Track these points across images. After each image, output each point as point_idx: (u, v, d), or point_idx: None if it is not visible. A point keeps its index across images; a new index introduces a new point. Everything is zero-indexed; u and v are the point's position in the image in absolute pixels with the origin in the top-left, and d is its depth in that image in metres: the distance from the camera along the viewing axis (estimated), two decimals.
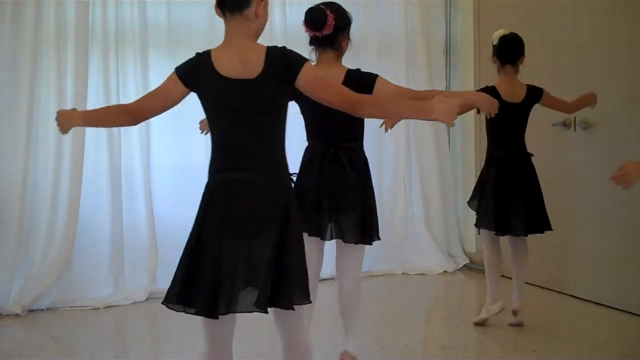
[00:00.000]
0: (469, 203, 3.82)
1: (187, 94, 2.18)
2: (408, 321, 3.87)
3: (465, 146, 5.29)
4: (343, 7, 2.78)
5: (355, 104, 2.01)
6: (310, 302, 2.05)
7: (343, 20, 2.74)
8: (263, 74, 2.00)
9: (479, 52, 5.03)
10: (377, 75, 2.75)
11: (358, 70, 2.78)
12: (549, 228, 3.60)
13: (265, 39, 5.11)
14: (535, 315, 3.76)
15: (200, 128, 3.28)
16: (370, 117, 2.28)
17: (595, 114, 4.07)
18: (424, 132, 5.15)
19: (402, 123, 4.59)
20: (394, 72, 4.92)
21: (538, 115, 3.66)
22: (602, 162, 4.04)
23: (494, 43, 3.57)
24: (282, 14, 4.72)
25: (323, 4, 2.72)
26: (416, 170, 5.16)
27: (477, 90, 3.60)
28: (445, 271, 5.06)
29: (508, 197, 3.55)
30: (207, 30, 4.57)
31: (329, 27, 2.66)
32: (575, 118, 4.18)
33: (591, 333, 3.63)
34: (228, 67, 2.04)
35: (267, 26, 5.03)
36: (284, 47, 2.07)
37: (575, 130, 4.19)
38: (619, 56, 3.94)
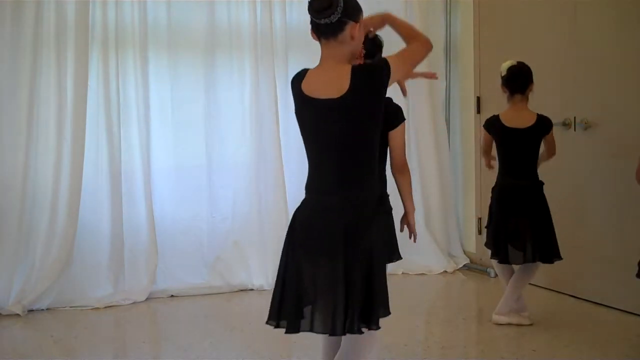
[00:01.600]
0: (486, 227, 3.84)
1: None
2: (408, 321, 3.87)
3: (465, 146, 5.29)
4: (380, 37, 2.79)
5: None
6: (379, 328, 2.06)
7: (374, 47, 2.77)
8: (350, 90, 1.99)
9: (479, 52, 5.04)
10: (403, 119, 2.82)
11: (389, 100, 2.77)
12: (558, 257, 3.63)
13: (265, 39, 5.15)
14: (535, 315, 3.76)
15: None
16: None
17: (595, 114, 4.07)
18: (424, 132, 5.16)
19: None
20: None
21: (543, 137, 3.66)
22: (602, 162, 4.04)
23: (502, 74, 3.59)
24: (282, 14, 4.71)
25: None
26: (416, 171, 5.15)
27: (484, 124, 3.72)
28: (445, 271, 5.06)
29: (511, 225, 3.57)
30: (207, 30, 4.58)
31: (360, 59, 2.66)
32: (575, 118, 4.18)
33: (591, 333, 3.63)
34: (314, 87, 2.05)
35: (267, 26, 5.10)
36: (368, 62, 2.09)
37: (575, 130, 4.19)
38: (619, 56, 3.94)
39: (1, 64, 4.08)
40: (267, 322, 2.12)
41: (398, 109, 2.81)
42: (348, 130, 2.00)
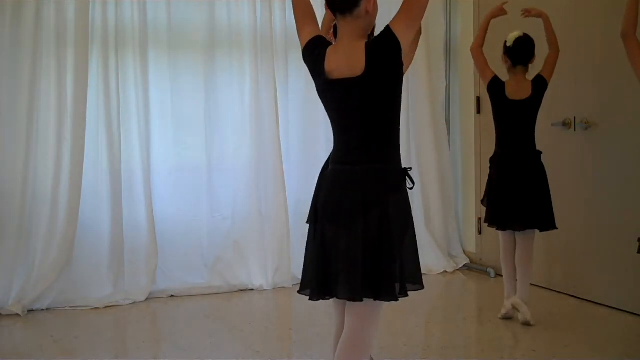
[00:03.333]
0: (482, 201, 3.88)
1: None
2: (408, 321, 3.87)
3: (465, 146, 5.29)
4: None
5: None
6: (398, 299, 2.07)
7: None
8: (368, 70, 2.02)
9: None
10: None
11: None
12: (553, 227, 3.63)
13: (265, 39, 5.14)
14: (535, 315, 3.76)
15: None
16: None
17: (595, 114, 4.07)
18: (424, 132, 5.16)
19: (402, 122, 4.58)
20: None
21: (538, 115, 3.66)
22: (602, 162, 4.04)
23: (508, 45, 3.61)
24: (282, 14, 4.71)
25: None
26: (416, 170, 5.16)
27: (493, 78, 3.70)
28: (445, 271, 5.06)
29: (510, 194, 3.60)
30: (207, 30, 4.58)
31: None
32: (575, 118, 4.18)
33: (591, 333, 3.63)
34: (335, 67, 2.08)
35: (267, 26, 5.09)
36: (378, 35, 2.07)
37: (575, 130, 4.19)
38: (619, 56, 3.94)
39: (1, 64, 4.08)
40: (300, 292, 2.18)
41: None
42: (369, 107, 2.06)
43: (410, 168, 2.16)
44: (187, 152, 4.58)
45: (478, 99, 5.04)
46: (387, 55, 2.03)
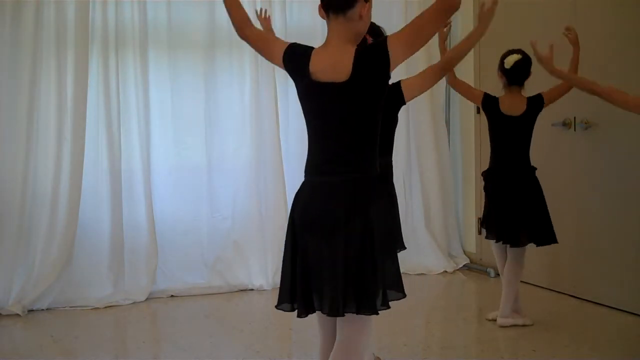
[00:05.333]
0: (481, 224, 3.89)
1: (281, 66, 2.18)
2: (408, 321, 3.87)
3: (465, 146, 5.28)
4: (376, 24, 2.75)
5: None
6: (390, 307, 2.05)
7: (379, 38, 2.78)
8: (353, 76, 1.99)
9: (479, 52, 5.03)
10: (399, 82, 2.80)
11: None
12: (554, 241, 3.63)
13: None
14: (535, 315, 3.76)
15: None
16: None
17: (595, 114, 4.07)
18: (424, 132, 5.16)
19: (402, 123, 4.60)
20: (393, 72, 4.91)
21: (538, 115, 3.65)
22: (602, 162, 4.04)
23: (506, 67, 3.59)
24: (282, 14, 4.71)
25: None
26: (416, 171, 5.16)
27: (484, 97, 3.70)
28: (445, 271, 5.06)
29: (506, 209, 3.60)
30: (207, 30, 4.58)
31: None
32: (575, 118, 4.18)
33: (591, 333, 3.63)
34: (320, 68, 2.04)
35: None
36: (372, 42, 2.05)
37: (575, 130, 4.19)
38: (619, 56, 3.94)
39: (1, 64, 4.09)
40: (277, 307, 2.13)
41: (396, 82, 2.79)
42: (350, 114, 2.02)
43: (394, 184, 2.10)
44: (187, 152, 4.58)
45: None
46: (374, 67, 1.98)
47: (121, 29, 4.35)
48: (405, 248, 3.01)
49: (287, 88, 4.73)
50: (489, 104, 3.66)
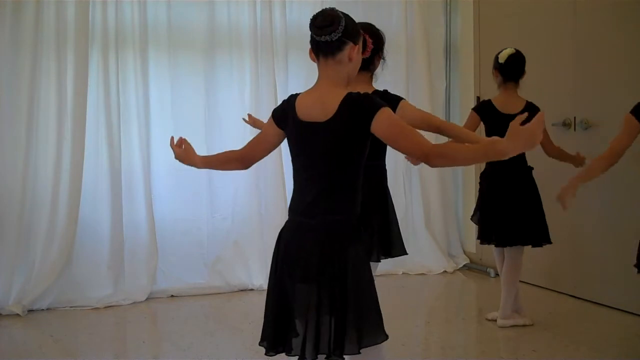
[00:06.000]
0: (471, 218, 3.88)
1: (283, 135, 2.19)
2: (408, 321, 3.87)
3: None
4: (376, 26, 2.80)
5: (427, 155, 1.92)
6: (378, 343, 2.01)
7: (379, 43, 2.78)
8: (334, 117, 1.98)
9: (479, 52, 5.04)
10: (401, 99, 2.77)
11: (385, 91, 2.79)
12: (548, 241, 3.63)
13: (266, 39, 5.14)
14: (535, 315, 3.76)
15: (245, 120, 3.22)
16: (442, 167, 2.14)
17: (596, 114, 4.07)
18: (424, 133, 5.12)
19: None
20: (394, 72, 4.91)
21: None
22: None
23: (501, 61, 3.59)
24: (282, 14, 4.71)
25: (361, 27, 2.66)
26: (416, 171, 5.16)
27: (475, 107, 3.70)
28: (445, 271, 5.06)
29: (499, 211, 3.60)
30: (207, 30, 4.58)
31: (367, 52, 2.66)
32: (575, 118, 4.18)
33: (591, 333, 3.63)
34: (306, 110, 2.05)
35: (267, 26, 5.09)
36: (364, 93, 2.02)
37: (575, 130, 4.19)
38: (620, 56, 3.94)
39: (1, 64, 4.08)
40: (260, 344, 2.14)
41: (395, 97, 2.78)
42: (329, 154, 2.01)
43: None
44: None
45: (478, 99, 5.04)
46: (357, 116, 1.96)
47: (121, 29, 4.35)
48: (406, 253, 2.99)
49: (287, 88, 4.72)
50: (483, 109, 3.67)
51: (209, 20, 4.58)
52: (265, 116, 4.62)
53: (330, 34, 1.99)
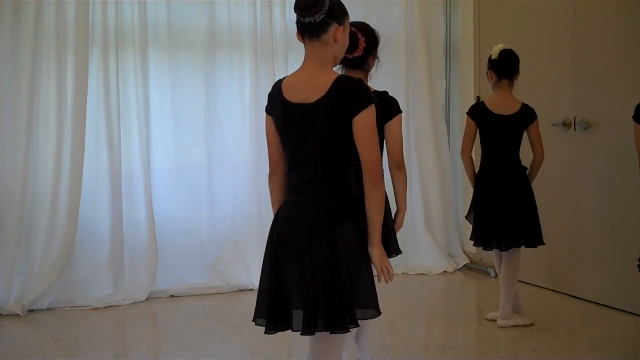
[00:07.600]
0: (466, 217, 3.87)
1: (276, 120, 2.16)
2: (408, 321, 3.87)
3: None
4: (371, 26, 2.79)
5: (374, 172, 2.00)
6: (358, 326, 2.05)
7: (372, 42, 2.77)
8: (324, 98, 1.99)
9: (479, 52, 5.03)
10: (399, 112, 2.77)
11: (385, 93, 2.78)
12: (541, 242, 3.63)
13: (266, 39, 5.14)
14: (535, 315, 3.76)
15: None
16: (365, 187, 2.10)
17: (596, 114, 4.07)
18: (424, 132, 5.16)
19: (402, 123, 4.59)
20: (394, 72, 4.92)
21: (538, 114, 3.66)
22: (602, 162, 4.04)
23: (493, 57, 3.58)
24: (282, 14, 4.71)
25: (354, 26, 2.62)
26: (416, 171, 5.16)
27: (469, 110, 3.70)
28: (445, 271, 5.06)
29: (494, 212, 3.60)
30: (207, 30, 4.58)
31: (359, 50, 2.67)
32: (575, 118, 4.18)
33: (591, 333, 3.63)
34: (293, 91, 2.06)
35: (267, 26, 5.09)
36: (358, 80, 2.03)
37: (575, 130, 4.19)
38: (620, 56, 3.94)
39: (1, 64, 4.08)
40: (256, 323, 2.12)
41: (394, 102, 2.79)
42: (319, 134, 2.02)
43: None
44: (187, 152, 4.58)
45: (478, 99, 5.04)
46: (350, 100, 1.98)
47: (121, 29, 4.35)
48: (400, 252, 2.98)
49: None
50: (476, 111, 3.67)
51: (209, 20, 4.58)
52: (265, 116, 4.64)
53: (314, 15, 1.99)
